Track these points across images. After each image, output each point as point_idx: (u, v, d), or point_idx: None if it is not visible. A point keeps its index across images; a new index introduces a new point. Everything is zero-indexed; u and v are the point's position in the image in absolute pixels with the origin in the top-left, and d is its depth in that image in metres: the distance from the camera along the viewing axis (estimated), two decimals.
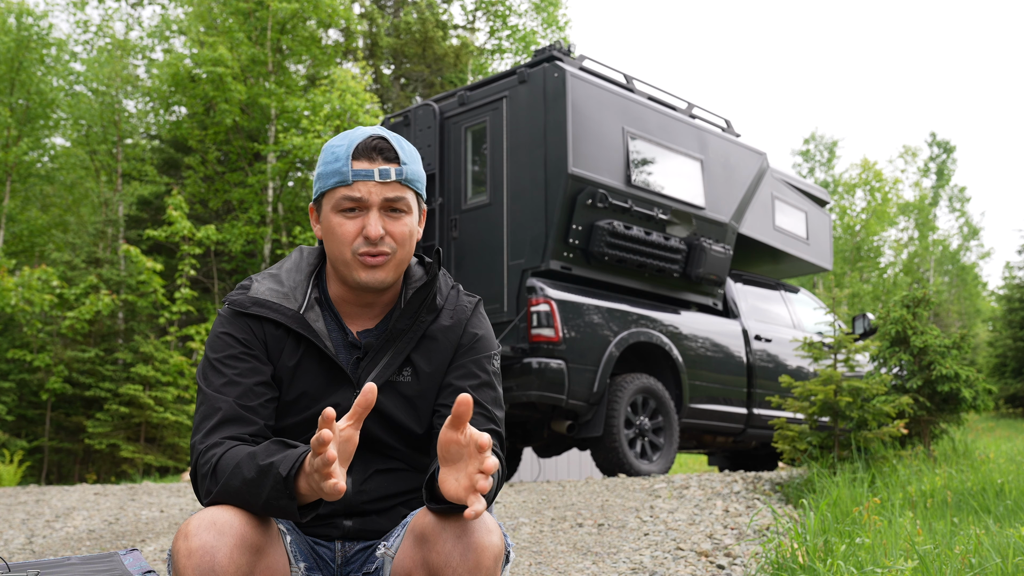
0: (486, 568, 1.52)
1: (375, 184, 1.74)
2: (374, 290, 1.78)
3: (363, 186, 1.74)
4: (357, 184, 1.74)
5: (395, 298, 1.85)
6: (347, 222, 1.75)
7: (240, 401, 1.71)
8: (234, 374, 1.74)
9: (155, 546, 4.99)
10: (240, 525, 1.53)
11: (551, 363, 6.51)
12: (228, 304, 1.82)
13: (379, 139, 1.76)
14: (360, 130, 1.79)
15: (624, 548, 4.07)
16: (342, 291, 1.83)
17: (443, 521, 1.54)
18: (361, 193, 1.74)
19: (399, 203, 1.76)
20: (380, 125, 8.94)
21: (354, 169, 1.74)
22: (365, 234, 1.73)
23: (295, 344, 1.80)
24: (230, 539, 1.51)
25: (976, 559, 3.09)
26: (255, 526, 1.55)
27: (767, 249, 8.64)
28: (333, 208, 1.76)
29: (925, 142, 41.32)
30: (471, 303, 1.88)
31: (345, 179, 1.74)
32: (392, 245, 1.76)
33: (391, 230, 1.75)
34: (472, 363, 1.82)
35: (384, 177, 1.74)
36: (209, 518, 1.52)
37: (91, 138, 21.65)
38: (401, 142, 1.79)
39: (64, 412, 18.23)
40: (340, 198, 1.75)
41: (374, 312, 1.85)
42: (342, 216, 1.75)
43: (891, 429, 5.44)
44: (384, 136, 1.77)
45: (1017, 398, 18.52)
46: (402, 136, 1.84)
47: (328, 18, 20.31)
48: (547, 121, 6.80)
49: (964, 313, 35.67)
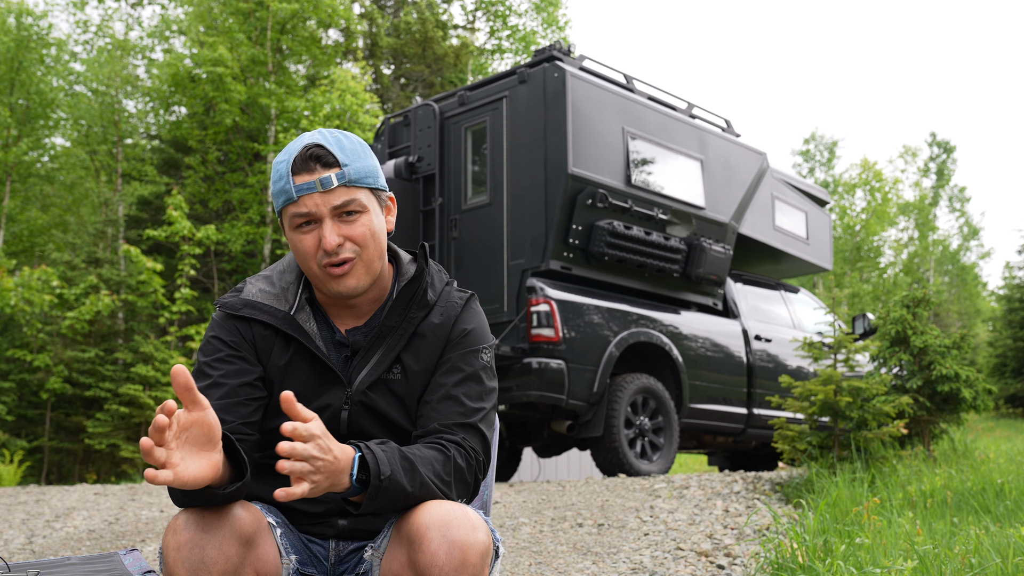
0: (472, 565, 1.52)
1: (319, 195, 1.71)
2: (351, 297, 1.77)
3: (308, 200, 1.71)
4: (302, 199, 1.71)
5: (381, 295, 1.84)
6: (305, 237, 1.73)
7: (221, 401, 1.71)
8: (219, 375, 1.74)
9: (155, 546, 4.99)
10: (228, 518, 1.53)
11: (551, 363, 6.51)
12: (220, 307, 1.82)
13: (315, 147, 1.72)
14: (298, 140, 1.76)
15: (624, 548, 4.07)
16: (324, 297, 1.84)
17: (427, 521, 1.54)
18: (308, 207, 1.71)
19: (349, 206, 1.72)
20: (378, 124, 8.94)
21: (296, 184, 1.71)
22: (323, 247, 1.71)
23: (284, 344, 1.80)
24: (218, 532, 1.51)
25: (976, 559, 3.09)
26: (244, 519, 1.56)
27: (767, 249, 8.64)
28: (289, 226, 1.75)
29: (925, 142, 41.35)
30: (462, 299, 1.87)
31: (290, 196, 1.72)
32: (354, 249, 1.73)
33: (348, 234, 1.72)
34: (458, 357, 1.80)
35: (326, 185, 1.70)
36: (197, 512, 1.53)
37: (91, 138, 21.65)
38: (340, 142, 1.74)
39: (64, 412, 18.22)
40: (291, 216, 1.73)
41: (361, 311, 1.84)
42: (299, 232, 1.74)
43: (891, 429, 5.44)
44: (319, 143, 1.73)
45: (1017, 398, 18.52)
46: (349, 136, 1.80)
47: (328, 18, 20.30)
48: (547, 121, 6.80)
49: (964, 313, 35.66)
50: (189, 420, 1.43)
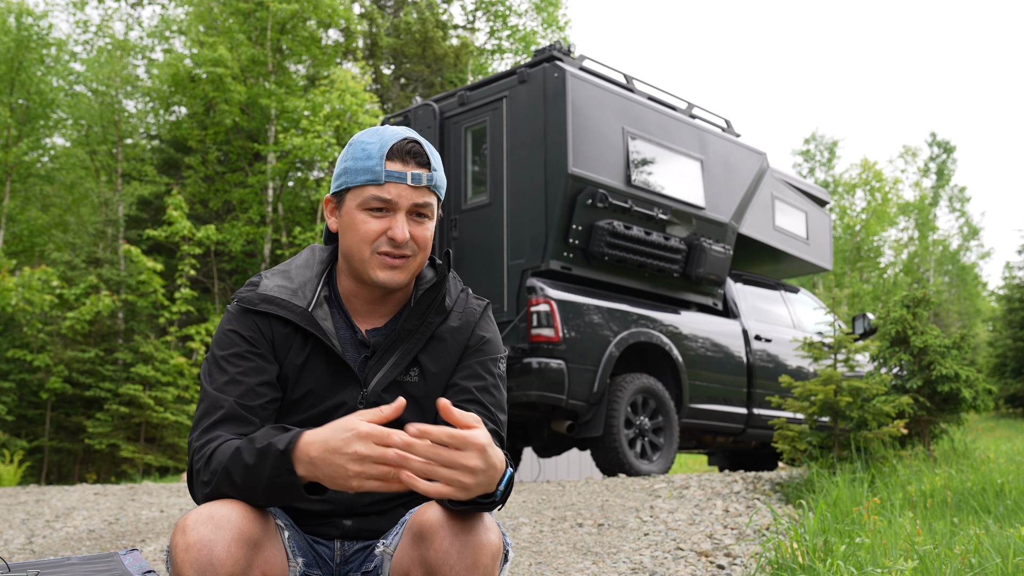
0: (484, 566, 1.52)
1: (407, 188, 1.74)
2: (390, 290, 1.79)
3: (395, 188, 1.74)
4: (389, 185, 1.74)
5: (405, 298, 1.85)
6: (372, 220, 1.75)
7: (241, 401, 1.70)
8: (237, 372, 1.73)
9: (155, 546, 4.99)
10: (238, 519, 1.53)
11: (551, 363, 6.51)
12: (237, 301, 1.81)
13: (413, 142, 1.76)
14: (391, 130, 1.79)
15: (624, 548, 4.07)
16: (353, 288, 1.83)
17: (441, 519, 1.54)
18: (392, 195, 1.73)
19: (426, 208, 1.76)
20: (378, 124, 8.93)
21: (387, 170, 1.74)
22: (391, 235, 1.73)
23: (303, 342, 1.79)
24: (228, 533, 1.50)
25: (976, 559, 3.09)
26: (253, 520, 1.55)
27: (767, 249, 8.64)
28: (360, 205, 1.75)
29: (925, 142, 41.36)
30: (480, 306, 1.89)
31: (377, 179, 1.73)
32: (414, 248, 1.77)
33: (415, 234, 1.76)
34: (478, 364, 1.82)
35: (416, 182, 1.74)
36: (207, 513, 1.52)
37: (91, 138, 21.65)
38: (430, 148, 1.80)
39: (64, 412, 18.23)
40: (369, 196, 1.74)
41: (384, 311, 1.84)
42: (368, 214, 1.75)
43: (891, 429, 5.44)
44: (418, 140, 1.78)
45: (1017, 398, 18.51)
46: (432, 146, 1.82)
47: (328, 18, 20.31)
48: (547, 121, 6.80)
49: (964, 313, 35.66)
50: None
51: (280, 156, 20.10)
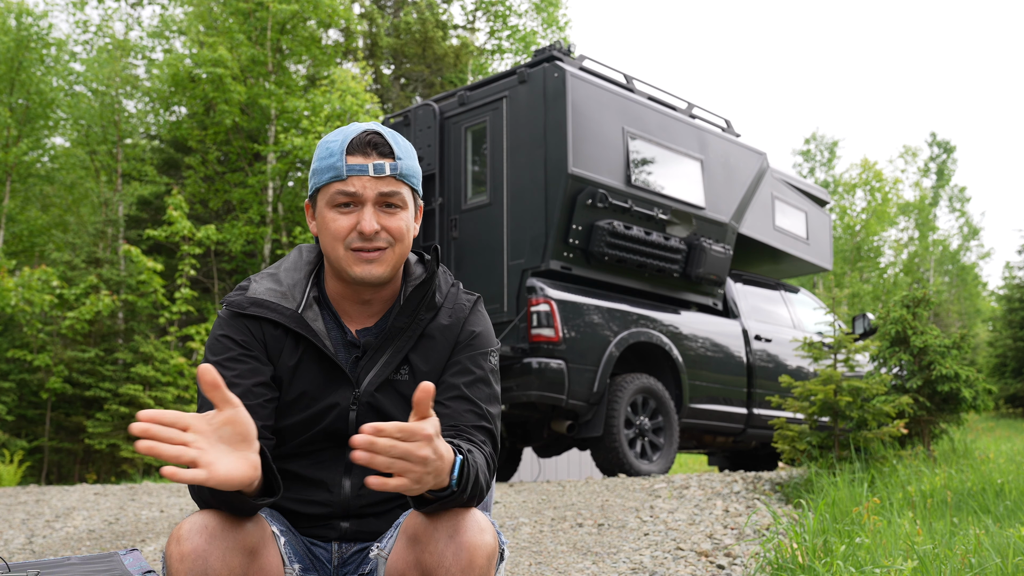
0: (479, 567, 1.52)
1: (369, 179, 1.73)
2: (370, 285, 1.77)
3: (357, 180, 1.72)
4: (351, 179, 1.72)
5: (394, 296, 1.84)
6: (341, 217, 1.74)
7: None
8: (233, 376, 1.72)
9: (155, 546, 4.99)
10: (232, 528, 1.52)
11: (551, 363, 6.51)
12: (226, 306, 1.80)
13: (373, 134, 1.75)
14: (355, 125, 1.78)
15: (624, 548, 4.07)
16: (340, 288, 1.82)
17: (435, 521, 1.53)
18: (355, 188, 1.72)
19: (394, 198, 1.74)
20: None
21: (348, 164, 1.72)
22: (360, 229, 1.72)
23: (294, 344, 1.79)
24: (222, 542, 1.50)
25: (976, 559, 3.09)
26: (248, 529, 1.55)
27: (767, 249, 8.64)
28: (328, 203, 1.75)
29: (925, 142, 41.35)
30: (470, 301, 1.87)
31: (339, 174, 1.73)
32: (388, 239, 1.74)
33: (386, 225, 1.74)
34: (468, 359, 1.80)
35: (379, 172, 1.73)
36: (201, 522, 1.51)
37: (91, 138, 21.64)
38: (396, 137, 1.78)
39: (64, 412, 18.22)
40: (334, 193, 1.73)
41: (372, 310, 1.83)
42: (336, 212, 1.74)
43: (891, 429, 5.44)
44: (378, 131, 1.76)
45: (1017, 398, 18.52)
46: (402, 136, 1.81)
47: (328, 18, 20.30)
48: (547, 121, 6.80)
49: (964, 313, 35.65)
50: (221, 419, 1.37)
51: (280, 156, 20.09)
